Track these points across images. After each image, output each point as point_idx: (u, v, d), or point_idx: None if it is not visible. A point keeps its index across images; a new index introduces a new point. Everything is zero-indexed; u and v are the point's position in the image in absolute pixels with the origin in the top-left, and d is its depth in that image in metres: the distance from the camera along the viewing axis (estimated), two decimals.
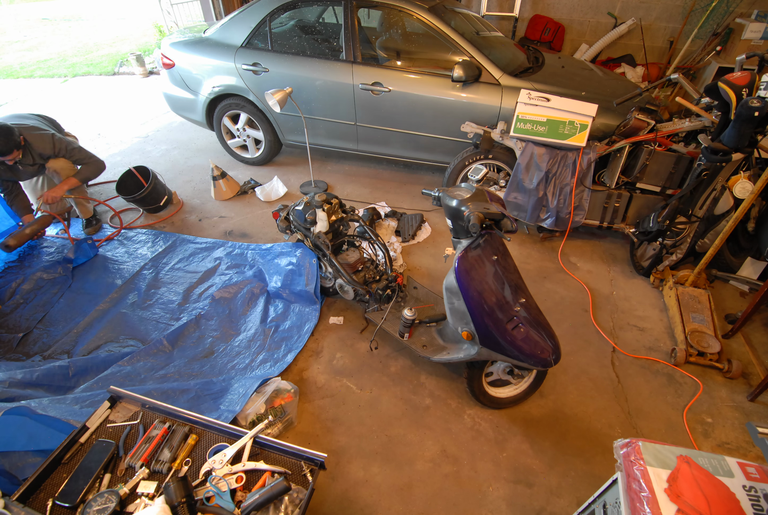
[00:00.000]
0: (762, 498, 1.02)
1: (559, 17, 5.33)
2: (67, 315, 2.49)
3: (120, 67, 6.98)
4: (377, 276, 2.34)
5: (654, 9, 4.98)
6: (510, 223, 1.56)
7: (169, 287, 2.68)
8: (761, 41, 4.42)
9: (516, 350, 1.68)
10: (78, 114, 5.28)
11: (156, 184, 3.24)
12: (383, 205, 3.45)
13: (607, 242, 3.10)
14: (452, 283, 1.68)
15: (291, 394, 1.95)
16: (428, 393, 2.10)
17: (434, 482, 1.78)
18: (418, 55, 3.39)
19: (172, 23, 6.72)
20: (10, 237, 2.70)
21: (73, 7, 12.35)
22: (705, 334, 2.28)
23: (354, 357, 2.28)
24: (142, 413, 1.39)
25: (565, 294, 2.65)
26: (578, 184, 2.73)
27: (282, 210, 2.55)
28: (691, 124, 2.52)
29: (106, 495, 1.14)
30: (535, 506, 1.71)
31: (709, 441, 1.92)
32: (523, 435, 1.94)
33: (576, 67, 3.57)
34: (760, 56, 2.45)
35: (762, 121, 2.14)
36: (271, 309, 2.48)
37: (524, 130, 2.67)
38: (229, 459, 1.23)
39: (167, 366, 2.15)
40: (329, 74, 3.29)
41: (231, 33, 3.50)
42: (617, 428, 1.97)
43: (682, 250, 2.61)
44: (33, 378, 1.95)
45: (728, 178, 2.35)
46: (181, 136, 4.61)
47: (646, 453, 1.08)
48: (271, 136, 3.73)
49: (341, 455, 1.85)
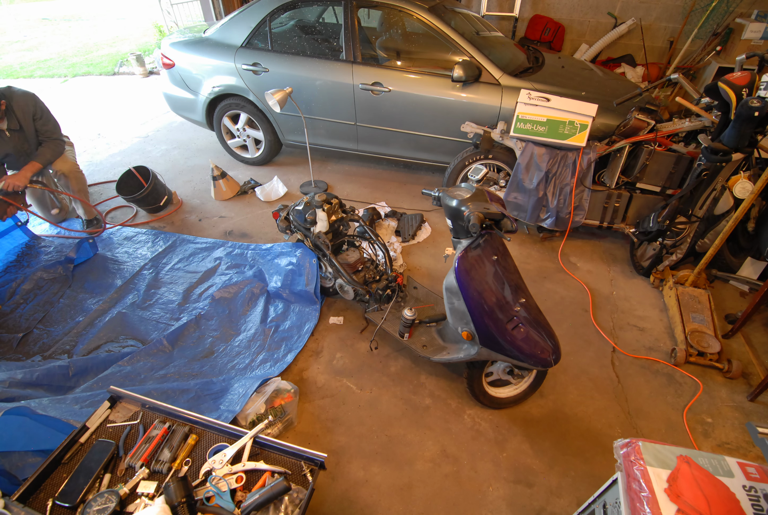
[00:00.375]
0: (762, 498, 1.02)
1: (559, 17, 5.33)
2: (67, 315, 2.49)
3: (120, 67, 6.98)
4: (377, 276, 2.34)
5: (654, 9, 4.99)
6: (510, 223, 1.56)
7: (169, 287, 2.68)
8: (761, 41, 4.42)
9: (516, 350, 1.68)
10: (78, 114, 5.28)
11: (156, 184, 3.24)
12: (383, 205, 3.45)
13: (607, 242, 3.10)
14: (452, 283, 1.68)
15: (291, 394, 1.95)
16: (428, 393, 2.10)
17: (434, 482, 1.78)
18: (418, 55, 3.39)
19: (172, 23, 6.72)
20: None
21: (73, 7, 12.35)
22: (705, 334, 2.28)
23: (354, 357, 2.28)
24: (142, 413, 1.39)
25: (565, 294, 2.65)
26: (578, 184, 2.73)
27: (282, 210, 2.55)
28: (691, 124, 2.52)
29: (106, 495, 1.14)
30: (535, 506, 1.71)
31: (709, 441, 1.92)
32: (523, 435, 1.94)
33: (576, 67, 3.57)
34: (760, 56, 2.45)
35: (762, 121, 2.14)
36: (271, 309, 2.48)
37: (524, 130, 2.67)
38: (229, 459, 1.23)
39: (167, 366, 2.15)
40: (329, 74, 3.29)
41: (231, 33, 3.50)
42: (617, 428, 1.97)
43: (682, 250, 2.61)
44: (33, 378, 1.95)
45: (728, 178, 2.35)
46: (181, 136, 4.61)
47: (646, 453, 1.08)
48: (271, 136, 3.73)
49: (341, 455, 1.85)
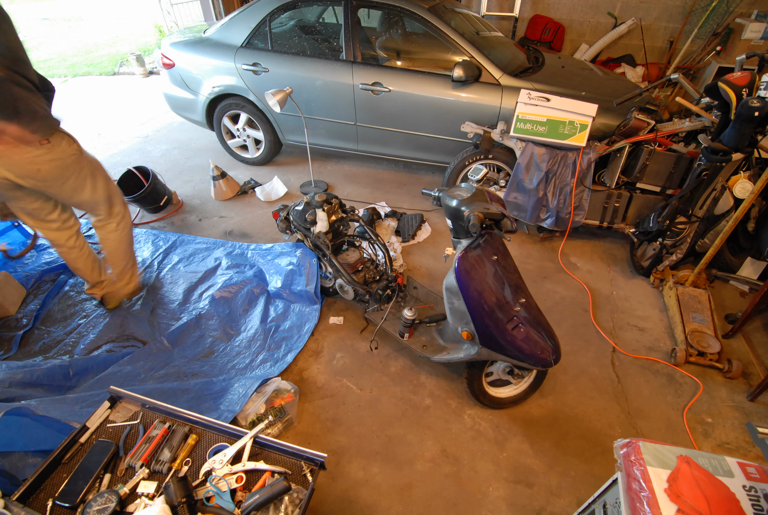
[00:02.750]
0: (762, 498, 1.02)
1: (559, 17, 5.33)
2: (68, 316, 2.49)
3: (120, 67, 6.98)
4: (377, 276, 2.34)
5: (654, 9, 4.98)
6: (510, 223, 1.56)
7: (169, 287, 2.67)
8: (761, 41, 4.42)
9: (516, 350, 1.68)
10: (78, 114, 5.28)
11: (156, 184, 3.24)
12: (383, 205, 3.45)
13: (607, 242, 3.09)
14: (452, 283, 1.68)
15: (291, 394, 1.95)
16: (428, 393, 2.10)
17: (434, 482, 1.77)
18: (418, 55, 3.39)
19: (172, 23, 6.72)
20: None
21: (73, 7, 12.35)
22: (705, 334, 2.28)
23: (354, 357, 2.28)
24: (142, 413, 1.39)
25: (565, 294, 2.65)
26: (578, 184, 2.73)
27: (282, 210, 2.55)
28: (691, 124, 2.52)
29: (106, 495, 1.14)
30: (535, 506, 1.71)
31: (709, 441, 1.92)
32: (523, 435, 1.94)
33: (576, 67, 3.57)
34: (760, 56, 2.45)
35: (762, 121, 2.14)
36: (271, 309, 2.48)
37: (524, 130, 2.67)
38: (229, 459, 1.23)
39: (167, 366, 2.14)
40: (329, 74, 3.29)
41: (231, 33, 3.50)
42: (617, 428, 1.97)
43: (682, 250, 2.61)
44: (33, 378, 1.94)
45: (728, 178, 2.35)
46: (181, 136, 4.60)
47: (646, 453, 1.08)
48: (271, 136, 3.73)
49: (341, 455, 1.85)
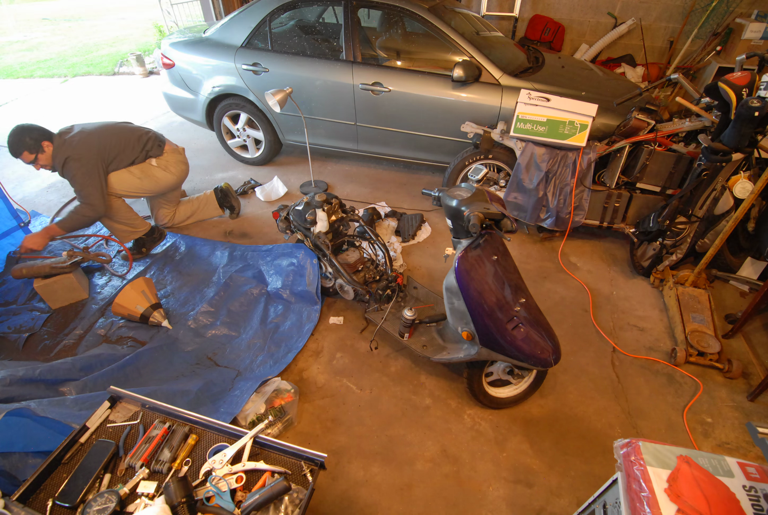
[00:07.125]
0: (762, 498, 1.02)
1: (559, 17, 5.33)
2: (70, 316, 2.49)
3: (120, 67, 6.98)
4: (377, 276, 2.34)
5: (654, 9, 4.98)
6: (510, 223, 1.56)
7: (169, 288, 2.67)
8: (761, 41, 4.42)
9: (516, 350, 1.68)
10: (78, 114, 5.28)
11: None
12: (383, 205, 3.45)
13: (607, 242, 3.09)
14: (452, 283, 1.68)
15: (291, 394, 1.95)
16: (428, 393, 2.10)
17: (434, 482, 1.77)
18: (418, 55, 3.39)
19: (172, 23, 6.72)
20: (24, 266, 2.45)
21: (73, 7, 12.35)
22: (705, 334, 2.28)
23: (354, 357, 2.28)
24: (142, 413, 1.39)
25: (565, 294, 2.65)
26: (578, 184, 2.73)
27: (282, 210, 2.55)
28: (691, 124, 2.52)
29: (106, 495, 1.14)
30: (535, 506, 1.71)
31: (709, 441, 1.92)
32: (523, 435, 1.94)
33: (576, 67, 3.57)
34: (760, 56, 2.45)
35: (762, 121, 2.14)
36: (271, 309, 2.48)
37: (524, 130, 2.67)
38: (229, 459, 1.23)
39: (167, 367, 2.14)
40: (329, 74, 3.29)
41: (231, 33, 3.50)
42: (617, 428, 1.97)
43: (682, 250, 2.61)
44: (35, 375, 1.93)
45: (728, 178, 2.35)
46: (181, 136, 4.60)
47: (646, 453, 1.08)
48: (271, 136, 3.73)
49: (341, 455, 1.85)
